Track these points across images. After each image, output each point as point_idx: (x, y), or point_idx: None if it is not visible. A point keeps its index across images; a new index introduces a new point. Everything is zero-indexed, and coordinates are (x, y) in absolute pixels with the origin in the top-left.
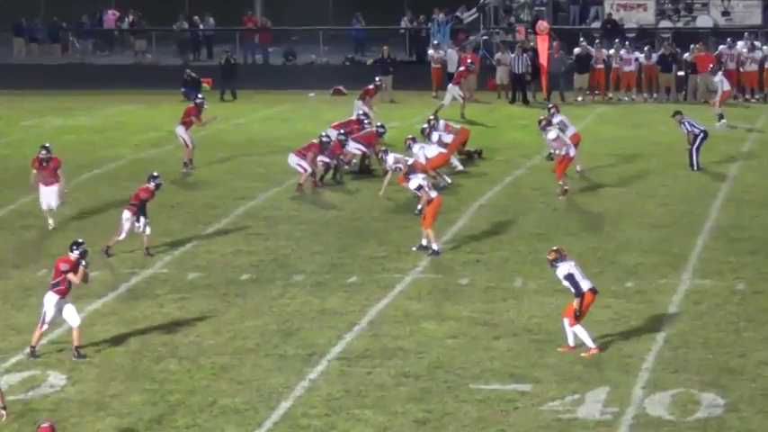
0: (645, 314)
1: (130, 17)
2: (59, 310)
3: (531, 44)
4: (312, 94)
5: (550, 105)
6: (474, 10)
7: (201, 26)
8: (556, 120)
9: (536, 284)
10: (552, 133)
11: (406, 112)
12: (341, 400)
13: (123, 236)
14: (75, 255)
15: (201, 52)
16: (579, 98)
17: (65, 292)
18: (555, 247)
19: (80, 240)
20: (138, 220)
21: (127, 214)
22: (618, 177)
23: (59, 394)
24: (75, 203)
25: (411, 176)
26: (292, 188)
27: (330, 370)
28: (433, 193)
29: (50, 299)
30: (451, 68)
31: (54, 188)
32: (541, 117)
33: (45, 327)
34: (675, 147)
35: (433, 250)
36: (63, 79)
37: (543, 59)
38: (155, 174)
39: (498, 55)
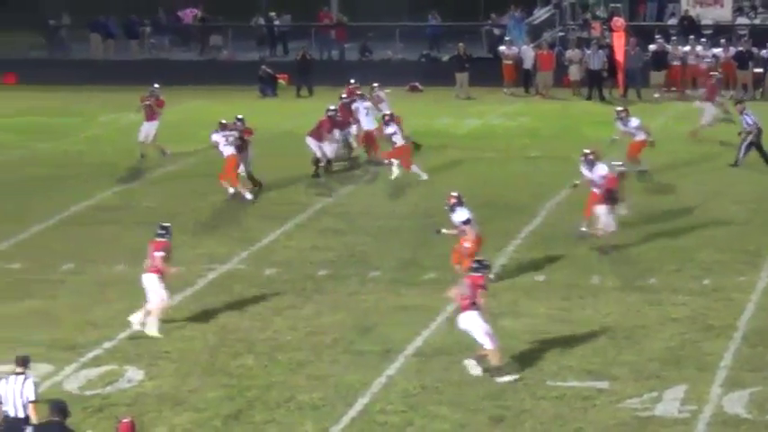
0: (722, 312)
1: (200, 14)
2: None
3: (607, 41)
4: (388, 91)
5: (620, 109)
6: (550, 6)
7: (278, 22)
8: (633, 124)
9: (613, 282)
10: (635, 121)
11: (481, 109)
12: (418, 396)
13: None
14: (158, 237)
15: (277, 48)
16: (656, 95)
17: (159, 271)
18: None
19: (167, 224)
20: None
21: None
22: (693, 175)
23: (137, 389)
24: (151, 198)
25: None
26: (370, 184)
27: (407, 366)
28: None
29: (148, 278)
30: (527, 65)
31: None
32: (619, 108)
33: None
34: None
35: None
36: (139, 75)
37: (620, 56)
38: None
39: (569, 52)
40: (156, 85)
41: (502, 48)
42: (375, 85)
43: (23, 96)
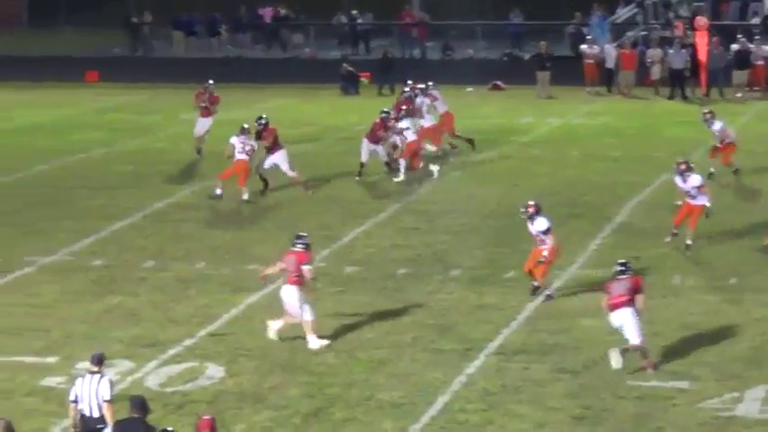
0: None
1: (283, 12)
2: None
3: (690, 40)
4: (470, 89)
5: (706, 111)
6: (632, 6)
7: (360, 20)
8: (716, 127)
9: (694, 282)
10: (718, 124)
11: (563, 108)
12: (498, 395)
13: None
14: (300, 247)
15: (359, 46)
16: (738, 94)
17: (300, 282)
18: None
19: (303, 234)
20: None
21: None
22: None
23: (217, 386)
24: (231, 196)
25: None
26: (450, 183)
27: (487, 365)
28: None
29: (288, 291)
30: (609, 64)
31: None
32: (705, 110)
33: (306, 316)
34: None
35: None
36: (220, 73)
37: (702, 55)
38: None
39: (650, 52)
40: (211, 81)
41: (584, 47)
42: (430, 83)
43: (106, 94)
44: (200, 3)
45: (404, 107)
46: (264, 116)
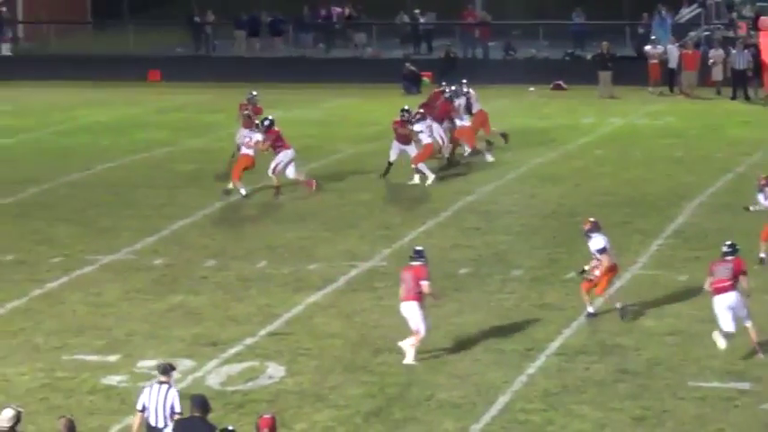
0: None
1: (348, 11)
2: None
3: (753, 40)
4: (532, 89)
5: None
6: (695, 6)
7: (422, 20)
8: None
9: (756, 282)
10: None
11: (626, 108)
12: (559, 395)
13: None
14: (420, 262)
15: (422, 46)
16: None
17: (420, 298)
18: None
19: (419, 248)
20: None
21: None
22: None
23: (278, 386)
24: (293, 195)
25: None
26: (511, 183)
27: (548, 365)
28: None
29: (409, 307)
30: (672, 64)
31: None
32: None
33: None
34: None
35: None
36: (283, 72)
37: (765, 56)
38: None
39: (712, 52)
40: (254, 93)
41: (648, 47)
42: (464, 81)
43: (168, 93)
44: (263, 2)
45: (421, 110)
46: (270, 117)
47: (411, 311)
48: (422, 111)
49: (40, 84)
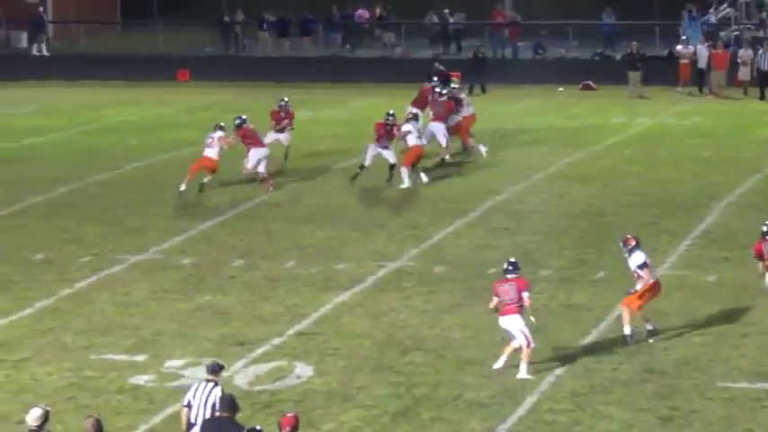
0: None
1: (378, 11)
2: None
3: None
4: (561, 89)
5: None
6: (726, 5)
7: (452, 20)
8: None
9: None
10: None
11: (655, 108)
12: (586, 395)
13: None
14: (519, 273)
15: (451, 46)
16: None
17: (521, 311)
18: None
19: (513, 260)
20: None
21: None
22: None
23: (305, 385)
24: (320, 194)
25: None
26: (540, 183)
27: (576, 365)
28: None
29: (511, 320)
30: (701, 64)
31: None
32: None
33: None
34: None
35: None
36: (312, 72)
37: None
38: None
39: (740, 52)
40: (285, 99)
41: (679, 47)
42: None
43: (197, 93)
44: (292, 2)
45: (413, 110)
46: (243, 117)
47: (515, 324)
48: (414, 111)
49: (69, 83)
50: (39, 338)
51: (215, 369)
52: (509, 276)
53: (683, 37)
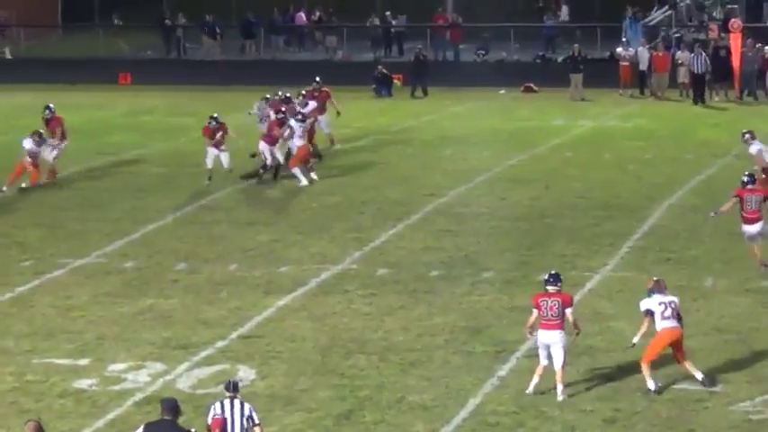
0: None
1: (318, 14)
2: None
3: (724, 42)
4: (503, 91)
5: (745, 132)
6: (666, 7)
7: (394, 22)
8: (754, 148)
9: (727, 284)
10: (755, 146)
11: (596, 111)
12: (529, 397)
13: None
14: (559, 286)
15: (393, 49)
16: None
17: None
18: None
19: (555, 271)
20: None
21: None
22: None
23: (249, 388)
24: (263, 198)
25: None
26: (482, 185)
27: (519, 367)
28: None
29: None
30: (642, 66)
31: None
32: (744, 131)
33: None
34: None
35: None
36: (254, 75)
37: (736, 58)
38: None
39: (678, 54)
40: (215, 115)
41: (619, 49)
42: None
43: (138, 96)
44: (234, 5)
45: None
46: (51, 105)
47: (557, 340)
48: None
49: (7, 87)
50: None
51: (237, 386)
52: (550, 289)
53: (624, 39)
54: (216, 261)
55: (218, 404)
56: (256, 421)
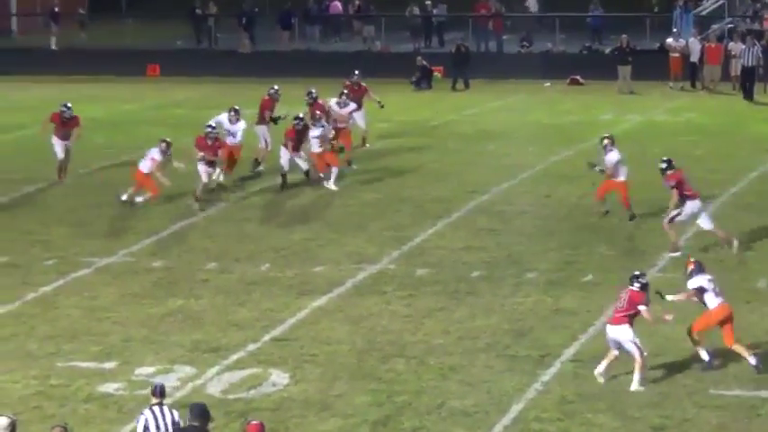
0: None
1: (357, 2)
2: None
3: None
4: (548, 84)
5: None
6: None
7: (434, 12)
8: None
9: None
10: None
11: (645, 104)
12: (574, 403)
13: None
14: (637, 286)
15: (433, 39)
16: None
17: (627, 321)
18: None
19: (639, 273)
20: None
21: None
22: None
23: (282, 393)
24: (298, 196)
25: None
26: (526, 182)
27: (564, 372)
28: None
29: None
30: (694, 58)
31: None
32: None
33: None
34: None
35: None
36: (288, 66)
37: None
38: None
39: (731, 45)
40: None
41: (669, 40)
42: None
43: (167, 89)
44: None
45: (318, 112)
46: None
47: (624, 334)
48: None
49: (35, 79)
50: (2, 345)
51: (164, 391)
52: (631, 288)
53: (675, 30)
54: (248, 260)
55: (147, 411)
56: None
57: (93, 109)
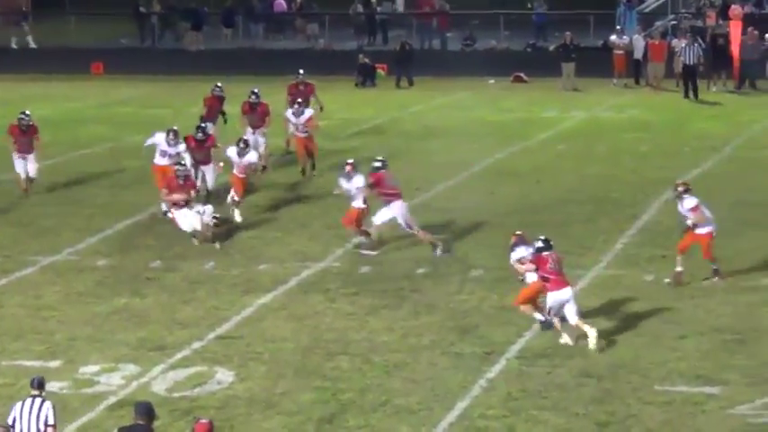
0: None
1: (299, 1)
2: None
3: (722, 30)
4: (492, 81)
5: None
6: None
7: (378, 10)
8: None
9: (724, 282)
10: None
11: (589, 101)
12: (520, 400)
13: None
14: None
15: (377, 37)
16: None
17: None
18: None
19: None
20: None
21: None
22: None
23: (227, 391)
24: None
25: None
26: (470, 179)
27: (509, 369)
28: None
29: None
30: (637, 55)
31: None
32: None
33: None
34: None
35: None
36: (232, 64)
37: (735, 46)
38: None
39: (674, 42)
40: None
41: (613, 37)
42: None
43: (111, 87)
44: None
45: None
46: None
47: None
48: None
49: None
50: None
51: (41, 383)
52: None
53: (618, 27)
54: (193, 259)
55: (18, 403)
56: (51, 422)
57: (38, 107)
